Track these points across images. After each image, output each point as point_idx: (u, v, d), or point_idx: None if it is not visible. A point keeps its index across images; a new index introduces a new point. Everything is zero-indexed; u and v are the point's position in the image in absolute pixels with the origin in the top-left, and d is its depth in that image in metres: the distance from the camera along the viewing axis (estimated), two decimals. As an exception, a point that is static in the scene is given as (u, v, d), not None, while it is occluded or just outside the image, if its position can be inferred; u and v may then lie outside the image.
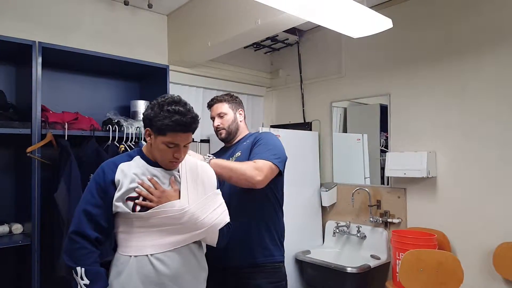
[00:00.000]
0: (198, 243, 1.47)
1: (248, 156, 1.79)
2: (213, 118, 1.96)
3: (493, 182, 2.35)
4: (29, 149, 1.92)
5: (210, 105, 1.98)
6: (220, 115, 1.92)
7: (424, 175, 2.52)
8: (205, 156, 1.68)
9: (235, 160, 1.81)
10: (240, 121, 1.96)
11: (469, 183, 2.45)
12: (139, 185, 1.35)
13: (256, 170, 1.65)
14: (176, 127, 1.31)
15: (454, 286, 2.15)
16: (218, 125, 1.92)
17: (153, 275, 1.32)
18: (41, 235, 1.95)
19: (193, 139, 3.48)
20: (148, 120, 1.36)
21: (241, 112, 1.97)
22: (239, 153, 1.84)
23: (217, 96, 1.97)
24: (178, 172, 1.46)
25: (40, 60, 2.00)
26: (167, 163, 1.40)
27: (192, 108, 1.39)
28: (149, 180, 1.38)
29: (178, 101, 1.36)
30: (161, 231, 1.36)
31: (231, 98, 1.96)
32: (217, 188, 1.53)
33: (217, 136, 1.96)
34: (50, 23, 2.47)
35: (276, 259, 1.80)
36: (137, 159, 1.43)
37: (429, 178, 2.60)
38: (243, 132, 1.97)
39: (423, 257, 2.23)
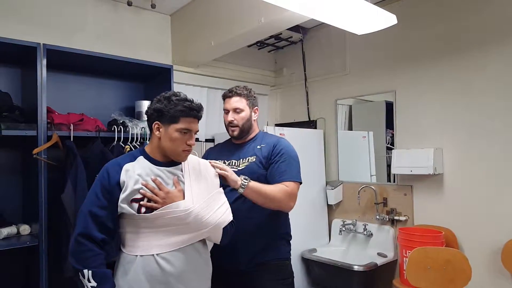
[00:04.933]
0: (202, 241, 1.48)
1: (265, 164, 1.74)
2: (226, 111, 1.83)
3: (500, 178, 2.33)
4: (35, 151, 1.93)
5: (227, 97, 1.83)
6: (236, 111, 1.79)
7: (430, 172, 2.50)
8: (242, 179, 1.59)
9: (248, 165, 1.76)
10: (254, 120, 1.87)
11: (477, 179, 2.43)
12: (143, 187, 1.36)
13: (290, 197, 1.68)
14: (189, 112, 1.39)
15: (462, 284, 2.13)
16: (232, 120, 1.79)
17: (159, 274, 1.33)
18: (48, 236, 1.96)
19: (197, 138, 3.48)
20: (157, 113, 1.40)
21: (256, 110, 1.88)
22: (254, 158, 1.77)
23: (236, 89, 1.82)
24: (181, 171, 1.46)
25: (44, 62, 2.01)
26: (180, 152, 1.41)
27: None
28: (153, 181, 1.38)
29: (180, 94, 1.44)
30: (167, 231, 1.37)
31: (251, 95, 1.84)
32: (220, 186, 1.54)
33: (228, 131, 1.84)
34: (54, 24, 2.48)
35: (281, 256, 1.78)
36: (141, 159, 1.44)
37: (436, 175, 2.57)
38: (254, 130, 1.89)
39: (430, 254, 2.22)
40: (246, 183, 1.59)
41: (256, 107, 1.88)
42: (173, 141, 1.39)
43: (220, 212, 1.46)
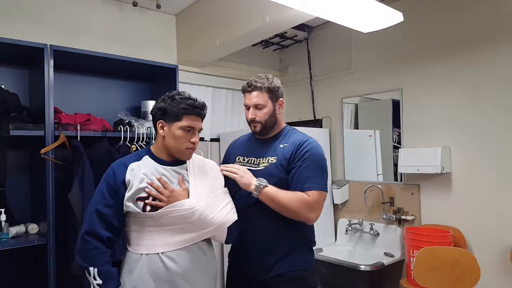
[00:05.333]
0: (207, 240, 1.48)
1: (286, 166, 1.55)
2: (247, 107, 1.65)
3: (509, 177, 2.29)
4: (43, 151, 1.95)
5: (246, 91, 1.64)
6: (258, 107, 1.60)
7: (438, 171, 2.48)
8: (258, 183, 1.49)
9: (267, 166, 1.58)
10: (279, 113, 1.66)
11: (485, 178, 2.40)
12: (148, 185, 1.37)
13: (310, 208, 1.49)
14: (191, 109, 1.39)
15: (470, 284, 2.11)
16: (254, 118, 1.61)
17: (164, 273, 1.34)
18: (56, 234, 1.98)
19: (203, 138, 3.47)
20: (161, 111, 1.41)
21: (281, 103, 1.67)
22: (274, 159, 1.59)
23: (256, 82, 1.61)
24: (186, 170, 1.47)
25: (52, 62, 2.03)
26: (184, 150, 1.42)
27: None
28: (158, 179, 1.39)
29: (184, 93, 1.45)
30: (171, 229, 1.37)
31: (273, 86, 1.62)
32: (224, 186, 1.55)
33: (250, 127, 1.68)
34: (61, 26, 2.50)
35: (302, 266, 1.59)
36: (146, 158, 1.45)
37: (443, 174, 2.55)
38: (280, 125, 1.69)
39: (438, 254, 2.20)
40: (261, 188, 1.48)
41: (281, 99, 1.67)
42: (177, 139, 1.39)
43: (225, 211, 1.46)
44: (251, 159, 1.66)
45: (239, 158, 1.70)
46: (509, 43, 2.30)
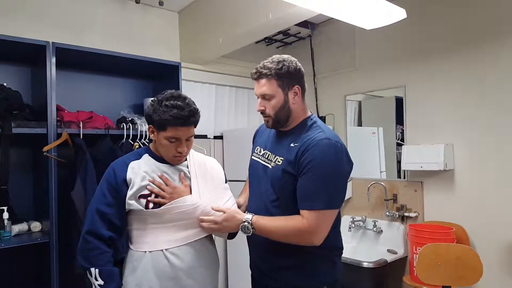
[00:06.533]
0: (209, 237, 1.49)
1: (292, 171, 1.33)
2: (257, 96, 1.44)
3: (513, 174, 2.29)
4: (45, 148, 1.95)
5: (254, 79, 1.43)
6: (265, 98, 1.39)
7: (441, 168, 2.47)
8: (242, 225, 1.35)
9: (274, 167, 1.39)
10: (294, 104, 1.41)
11: (488, 175, 2.39)
12: (150, 183, 1.37)
13: (306, 234, 1.27)
14: (175, 121, 1.31)
15: (473, 281, 2.10)
16: (262, 109, 1.41)
17: (168, 270, 1.34)
18: (59, 232, 1.99)
19: (205, 135, 3.44)
20: (149, 117, 1.38)
21: (296, 90, 1.40)
22: (281, 161, 1.38)
23: (263, 68, 1.39)
24: (187, 167, 1.48)
25: (54, 60, 2.02)
26: (172, 158, 1.41)
27: (193, 101, 1.39)
28: (160, 177, 1.39)
29: (177, 96, 1.37)
30: (175, 226, 1.38)
31: (283, 73, 1.37)
32: (225, 183, 1.56)
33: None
34: (63, 23, 2.50)
35: (320, 281, 1.37)
36: (146, 157, 1.45)
37: (447, 171, 2.54)
38: (297, 117, 1.43)
39: (441, 251, 2.19)
40: (251, 229, 1.34)
41: (296, 86, 1.40)
42: (163, 147, 1.39)
43: (226, 207, 1.46)
44: (266, 153, 1.47)
45: (257, 148, 1.54)
46: (514, 39, 2.28)
